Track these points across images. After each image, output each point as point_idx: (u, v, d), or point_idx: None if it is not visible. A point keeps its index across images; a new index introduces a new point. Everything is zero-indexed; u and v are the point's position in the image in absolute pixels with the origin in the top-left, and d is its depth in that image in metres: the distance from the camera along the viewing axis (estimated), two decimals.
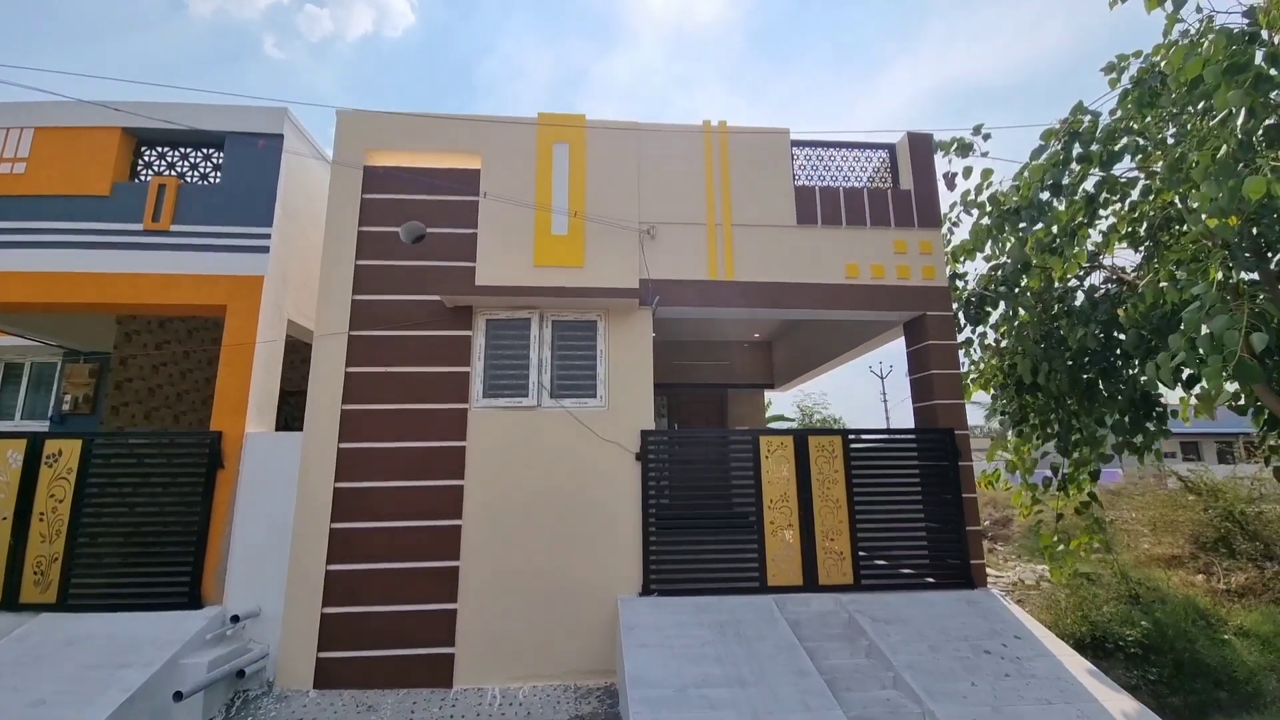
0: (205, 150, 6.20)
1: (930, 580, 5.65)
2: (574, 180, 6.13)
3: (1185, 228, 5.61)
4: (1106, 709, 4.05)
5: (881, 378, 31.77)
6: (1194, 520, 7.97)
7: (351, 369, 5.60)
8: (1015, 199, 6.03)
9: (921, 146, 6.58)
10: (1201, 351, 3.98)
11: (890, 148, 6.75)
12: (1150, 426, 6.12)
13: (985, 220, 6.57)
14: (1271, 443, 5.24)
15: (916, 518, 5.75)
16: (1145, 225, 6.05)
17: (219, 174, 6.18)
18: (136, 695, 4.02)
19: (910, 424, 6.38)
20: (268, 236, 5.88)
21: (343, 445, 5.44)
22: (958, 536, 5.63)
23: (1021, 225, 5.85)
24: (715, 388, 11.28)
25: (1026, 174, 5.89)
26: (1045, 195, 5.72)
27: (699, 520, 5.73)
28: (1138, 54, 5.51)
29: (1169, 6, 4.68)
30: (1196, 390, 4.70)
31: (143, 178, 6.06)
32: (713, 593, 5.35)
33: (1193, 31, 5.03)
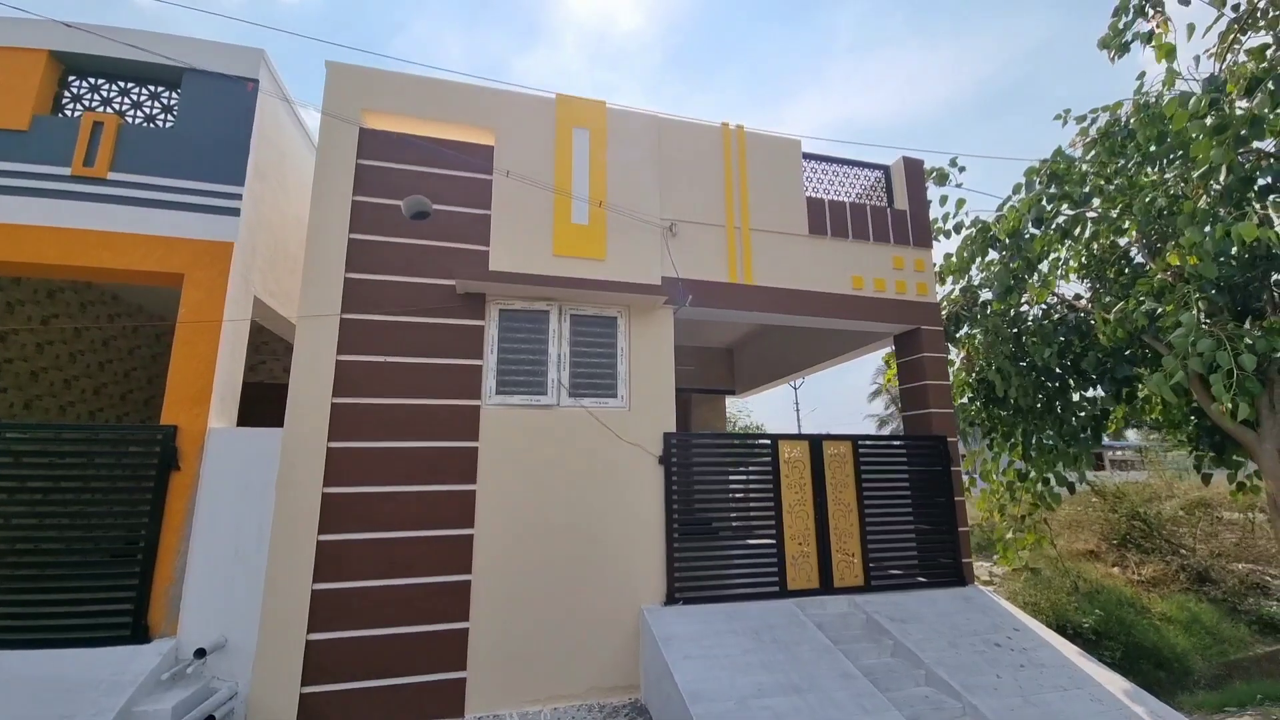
0: (153, 87, 5.16)
1: (923, 580, 5.95)
2: (594, 169, 5.82)
3: (1135, 263, 6.43)
4: (1109, 690, 4.46)
5: (795, 388, 33.62)
6: (1102, 520, 9.20)
7: (344, 357, 4.88)
8: (999, 228, 6.60)
9: (915, 170, 7.01)
10: (1194, 368, 4.55)
11: (885, 169, 7.12)
12: (1086, 439, 6.94)
13: (964, 244, 7.14)
14: (1203, 454, 6.12)
15: (915, 520, 6.04)
16: (1094, 260, 6.87)
17: (170, 117, 5.17)
18: None
19: (830, 431, 6.70)
20: (238, 197, 5.00)
21: (333, 444, 4.72)
22: (951, 537, 6.00)
23: (1010, 252, 6.39)
24: (679, 391, 11.24)
25: (1015, 205, 6.46)
26: (1030, 227, 6.30)
27: (721, 525, 5.63)
28: (1107, 108, 6.25)
29: (1180, 68, 5.28)
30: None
31: (69, 112, 4.91)
32: (735, 599, 5.27)
33: (1153, 94, 5.79)
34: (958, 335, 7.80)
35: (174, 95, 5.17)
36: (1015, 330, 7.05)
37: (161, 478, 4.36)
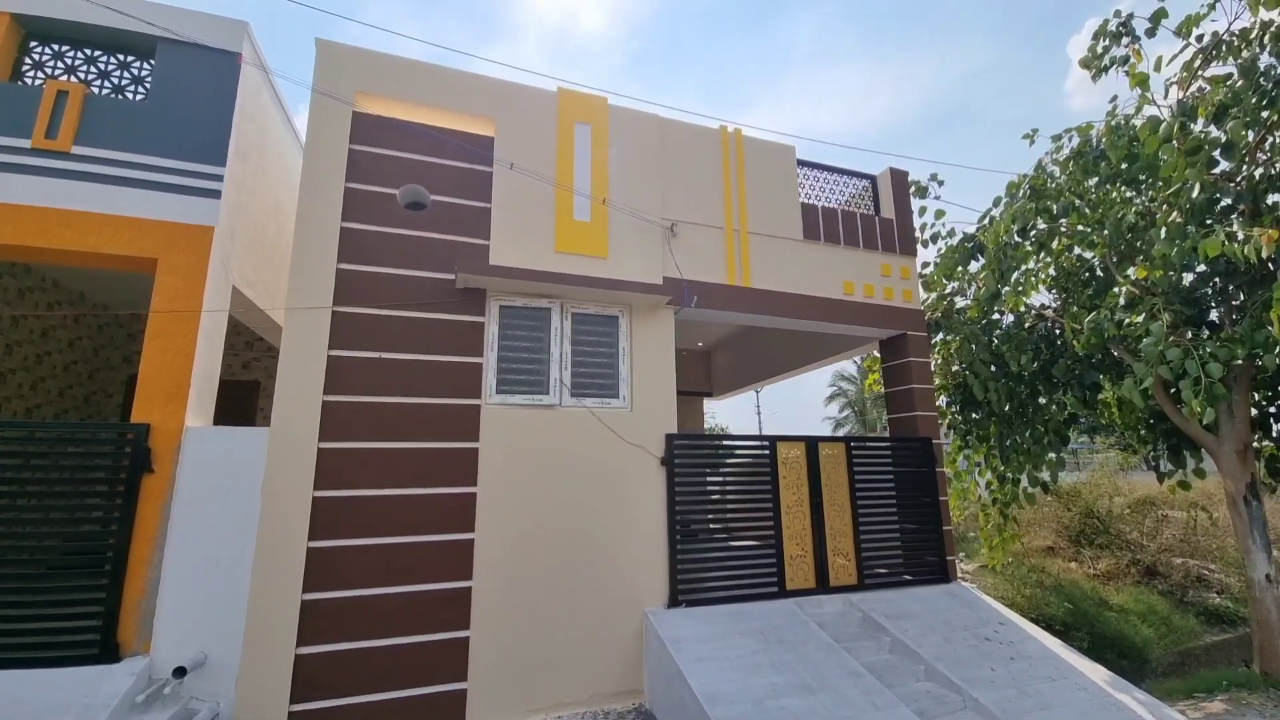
0: (123, 56, 4.74)
1: (909, 577, 6.12)
2: (596, 165, 5.73)
3: (1099, 276, 6.83)
4: (1093, 679, 4.70)
5: (757, 392, 34.23)
6: (1056, 517, 9.75)
7: (335, 352, 4.61)
8: (985, 237, 6.89)
9: (900, 181, 7.23)
10: (1163, 375, 4.86)
11: (873, 178, 7.32)
12: (1048, 442, 7.34)
13: (948, 253, 7.43)
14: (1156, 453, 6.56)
15: (901, 519, 6.21)
16: (1063, 272, 7.27)
17: (141, 89, 4.76)
18: None
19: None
20: (219, 179, 4.65)
21: (324, 445, 4.43)
22: (936, 536, 6.20)
23: (995, 262, 6.67)
24: None
25: (999, 217, 6.76)
26: (1015, 239, 6.61)
27: (722, 526, 5.63)
28: (1080, 129, 6.63)
29: (1156, 96, 5.64)
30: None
31: (30, 80, 4.44)
32: (737, 600, 5.27)
33: (1123, 118, 6.17)
34: (933, 342, 8.10)
35: (146, 66, 4.76)
36: (989, 338, 7.38)
37: (132, 480, 3.98)
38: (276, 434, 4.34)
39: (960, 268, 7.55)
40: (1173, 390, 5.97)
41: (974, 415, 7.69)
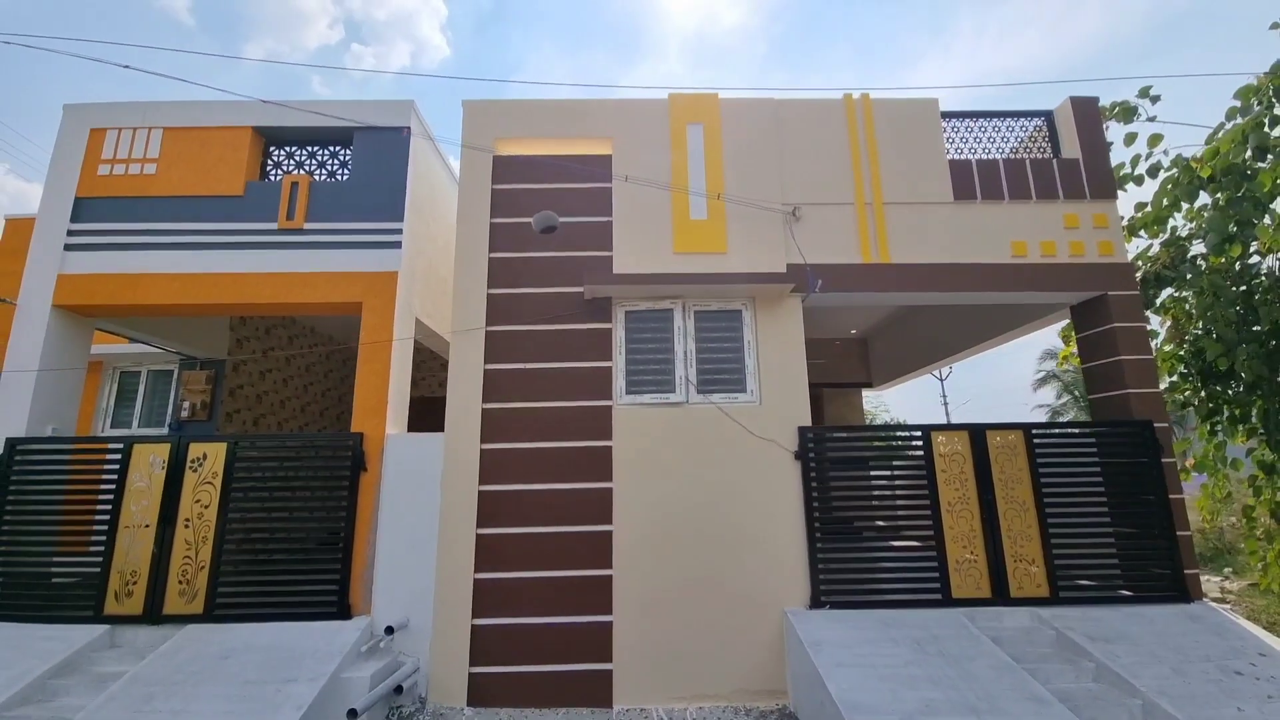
0: (332, 147, 6.06)
1: (1128, 593, 5.00)
2: (710, 162, 5.76)
3: None
4: None
5: (941, 380, 30.46)
6: None
7: (490, 366, 5.32)
8: (1204, 165, 5.39)
9: (1087, 111, 5.98)
10: None
11: (1048, 115, 6.17)
12: None
13: (1164, 188, 5.93)
14: None
15: (1114, 522, 5.11)
16: None
17: (345, 170, 6.04)
18: (309, 713, 3.74)
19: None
20: (399, 231, 5.69)
21: (485, 446, 5.15)
22: (1167, 543, 4.98)
23: (1227, 192, 5.18)
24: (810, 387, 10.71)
25: (1227, 134, 5.25)
26: (1248, 157, 5.06)
27: (867, 525, 5.23)
28: None
29: None
30: None
31: (272, 177, 5.95)
32: (890, 606, 4.84)
33: None
34: (1158, 301, 6.50)
35: (348, 152, 6.02)
36: (1242, 289, 5.69)
37: (354, 478, 5.06)
38: (449, 437, 5.15)
39: (1187, 204, 5.94)
40: None
41: (1229, 390, 5.97)
